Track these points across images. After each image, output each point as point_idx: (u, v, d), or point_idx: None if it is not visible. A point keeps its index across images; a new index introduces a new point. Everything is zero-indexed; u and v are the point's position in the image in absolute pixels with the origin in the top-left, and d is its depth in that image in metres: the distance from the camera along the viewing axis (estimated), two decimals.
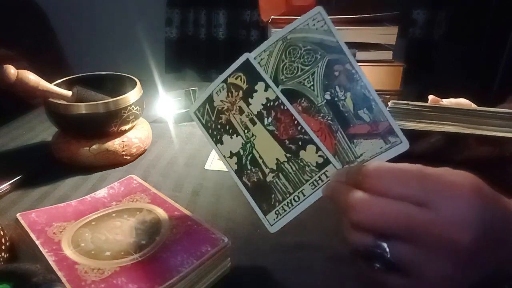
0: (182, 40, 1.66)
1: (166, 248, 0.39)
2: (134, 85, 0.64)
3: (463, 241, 0.26)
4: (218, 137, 0.41)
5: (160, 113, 0.81)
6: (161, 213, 0.45)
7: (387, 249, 0.28)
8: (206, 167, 0.63)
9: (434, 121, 0.51)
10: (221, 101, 0.41)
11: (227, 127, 0.41)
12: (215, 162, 0.64)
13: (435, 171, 0.29)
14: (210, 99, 0.41)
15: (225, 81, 0.40)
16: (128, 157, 0.64)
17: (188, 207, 0.46)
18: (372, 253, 0.29)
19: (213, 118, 0.41)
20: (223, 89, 0.41)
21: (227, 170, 0.41)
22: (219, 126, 0.41)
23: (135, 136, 0.65)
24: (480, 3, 1.36)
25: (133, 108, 0.61)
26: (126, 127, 0.63)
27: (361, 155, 0.35)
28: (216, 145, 0.42)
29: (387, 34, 0.94)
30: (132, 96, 0.61)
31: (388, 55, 0.94)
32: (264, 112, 0.39)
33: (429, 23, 1.43)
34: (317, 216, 0.50)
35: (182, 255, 0.38)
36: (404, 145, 0.34)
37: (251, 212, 0.39)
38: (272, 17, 0.99)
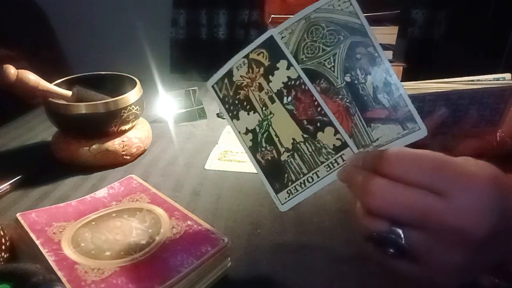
0: (187, 40, 1.65)
1: (166, 248, 0.39)
2: (134, 85, 0.64)
3: (476, 232, 0.26)
4: (235, 112, 0.41)
5: (160, 113, 0.81)
6: (161, 213, 0.45)
7: (402, 235, 0.28)
8: (206, 167, 0.63)
9: (430, 89, 0.54)
10: (241, 76, 0.40)
11: (245, 103, 0.40)
12: (215, 162, 0.64)
13: (455, 160, 0.29)
14: (229, 74, 0.41)
15: (246, 56, 0.40)
16: (128, 157, 0.64)
17: (188, 207, 0.46)
18: (386, 238, 0.29)
19: (231, 93, 0.41)
20: (244, 64, 0.40)
21: (227, 170, 0.41)
22: (236, 102, 0.41)
23: (135, 136, 0.65)
24: (480, 2, 1.36)
25: (133, 108, 0.61)
26: (126, 127, 0.63)
27: (377, 139, 0.35)
28: (232, 120, 0.41)
29: (387, 34, 0.94)
30: (132, 96, 0.61)
31: (388, 55, 0.94)
32: (284, 91, 0.38)
33: (429, 22, 1.43)
34: (317, 216, 0.50)
35: (182, 255, 0.38)
36: (422, 132, 0.34)
37: (251, 212, 0.39)
38: (272, 16, 0.99)
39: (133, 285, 0.35)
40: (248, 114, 0.40)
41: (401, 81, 0.35)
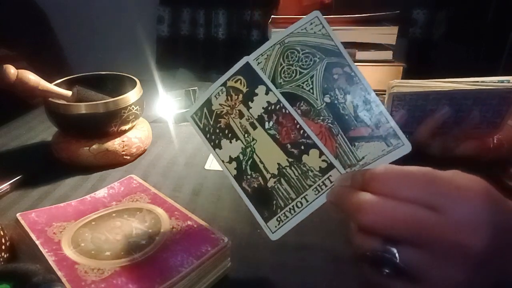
0: (174, 38, 1.65)
1: (166, 248, 0.39)
2: (134, 85, 0.64)
3: (474, 246, 0.26)
4: (217, 141, 0.40)
5: (160, 113, 0.81)
6: (161, 213, 0.45)
7: (396, 254, 0.27)
8: (206, 167, 0.63)
9: (435, 87, 0.55)
10: (220, 104, 0.40)
11: (226, 131, 0.40)
12: (215, 162, 0.64)
13: (445, 175, 0.28)
14: (208, 103, 0.41)
15: (224, 84, 0.40)
16: (128, 157, 0.64)
17: (188, 207, 0.46)
18: (380, 257, 0.28)
19: (211, 122, 0.41)
20: (222, 93, 0.40)
21: None
22: (217, 130, 0.40)
23: (135, 136, 0.65)
24: (480, 3, 1.36)
25: (133, 108, 0.61)
26: (126, 127, 0.63)
27: (363, 158, 0.35)
28: (215, 149, 0.41)
29: (387, 34, 0.94)
30: (132, 96, 0.61)
31: (388, 55, 0.94)
32: (265, 116, 0.38)
33: (429, 23, 1.43)
34: (317, 217, 0.50)
35: (182, 255, 0.38)
36: (406, 148, 0.34)
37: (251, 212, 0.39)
38: (272, 16, 0.99)
39: (133, 285, 0.35)
40: (231, 142, 0.40)
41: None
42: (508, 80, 0.54)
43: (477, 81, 0.55)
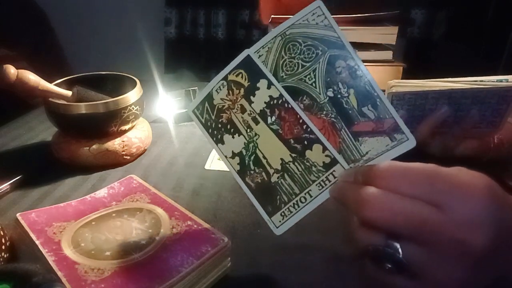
0: (181, 40, 1.66)
1: (166, 248, 0.39)
2: (134, 85, 0.64)
3: (476, 243, 0.26)
4: (219, 136, 0.40)
5: (160, 113, 0.81)
6: (161, 213, 0.45)
7: (399, 249, 0.27)
8: (206, 167, 0.63)
9: (433, 87, 0.55)
10: (221, 99, 0.39)
11: (228, 126, 0.39)
12: (215, 162, 0.64)
13: (448, 171, 0.28)
14: (209, 97, 0.40)
15: (225, 78, 0.39)
16: (128, 157, 0.64)
17: (188, 207, 0.46)
18: (382, 252, 0.28)
19: (213, 117, 0.40)
20: (223, 87, 0.39)
21: (227, 170, 0.40)
22: (219, 125, 0.40)
23: (135, 136, 0.65)
24: (480, 3, 1.36)
25: (133, 108, 0.61)
26: (126, 127, 0.63)
27: (367, 153, 0.34)
28: (217, 145, 0.40)
29: (387, 34, 0.94)
30: (132, 96, 0.61)
31: (388, 55, 0.94)
32: (268, 111, 0.37)
33: (428, 22, 1.43)
34: (317, 216, 0.50)
35: (182, 255, 0.38)
36: (411, 142, 0.33)
37: (251, 212, 0.39)
38: (273, 16, 0.99)
39: (133, 285, 0.35)
40: (233, 137, 0.39)
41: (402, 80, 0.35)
42: (507, 79, 0.54)
43: (476, 80, 0.55)
